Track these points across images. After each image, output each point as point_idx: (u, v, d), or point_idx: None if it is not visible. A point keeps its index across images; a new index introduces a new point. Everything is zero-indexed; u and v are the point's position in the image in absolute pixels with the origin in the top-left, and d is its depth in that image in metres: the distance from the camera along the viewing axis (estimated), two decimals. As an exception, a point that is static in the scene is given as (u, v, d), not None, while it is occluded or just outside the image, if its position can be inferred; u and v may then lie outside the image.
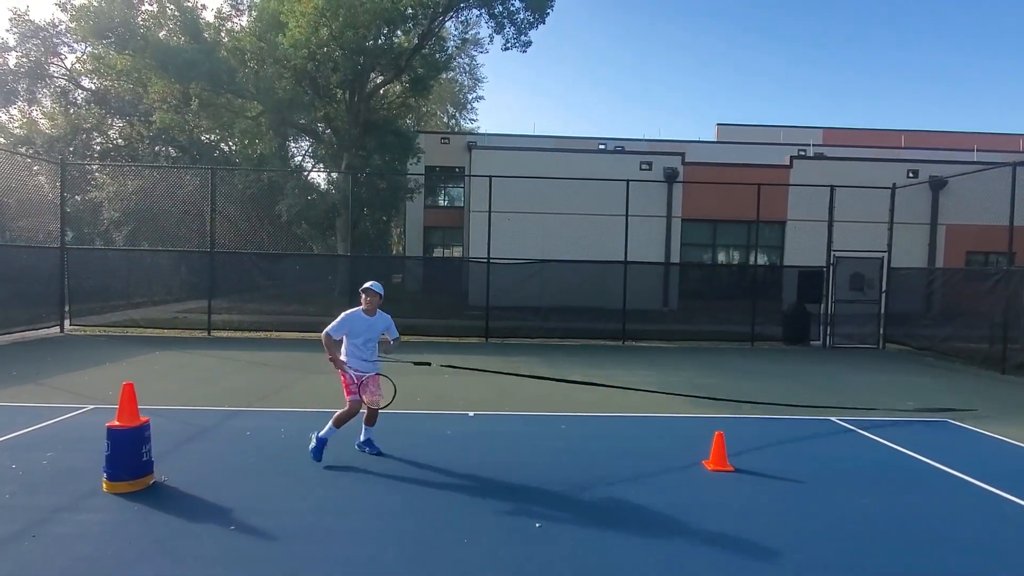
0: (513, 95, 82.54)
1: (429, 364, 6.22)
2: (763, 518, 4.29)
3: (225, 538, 3.75)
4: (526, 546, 3.75)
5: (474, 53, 35.49)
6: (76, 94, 27.96)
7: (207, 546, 3.64)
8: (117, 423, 4.44)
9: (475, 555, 3.62)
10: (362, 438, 5.52)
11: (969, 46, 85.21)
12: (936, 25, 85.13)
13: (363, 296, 5.16)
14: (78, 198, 25.06)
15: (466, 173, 25.39)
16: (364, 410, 5.32)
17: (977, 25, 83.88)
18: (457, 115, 44.48)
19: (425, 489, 4.66)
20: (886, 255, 14.20)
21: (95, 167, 25.23)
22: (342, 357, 5.19)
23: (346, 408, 5.14)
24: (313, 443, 5.15)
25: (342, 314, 5.16)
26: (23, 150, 24.31)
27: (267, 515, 4.09)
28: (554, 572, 3.45)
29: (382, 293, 5.19)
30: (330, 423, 5.17)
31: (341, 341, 5.20)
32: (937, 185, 19.28)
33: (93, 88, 27.57)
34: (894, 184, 14.77)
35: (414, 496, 4.52)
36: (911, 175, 19.24)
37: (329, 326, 5.09)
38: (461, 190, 29.96)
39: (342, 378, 5.21)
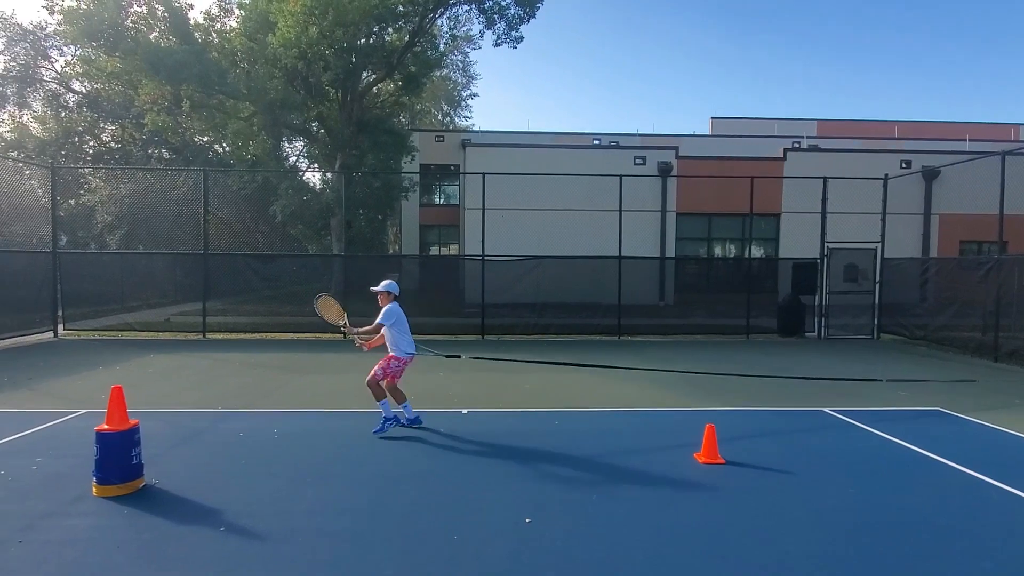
0: (507, 92, 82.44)
1: (459, 356, 7.34)
2: (754, 510, 4.29)
3: (215, 540, 3.75)
4: (515, 543, 3.76)
5: (466, 50, 35.36)
6: (67, 97, 27.82)
7: (196, 549, 3.63)
8: (106, 426, 4.43)
9: (464, 553, 3.62)
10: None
11: (962, 37, 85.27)
12: (929, 17, 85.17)
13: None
14: (71, 202, 24.97)
15: (461, 171, 25.36)
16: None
17: (969, 17, 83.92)
18: (451, 113, 44.41)
19: (415, 488, 4.66)
20: (879, 246, 14.21)
21: (87, 170, 25.14)
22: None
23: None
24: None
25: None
26: (14, 154, 24.18)
27: (257, 517, 4.08)
28: (543, 568, 3.45)
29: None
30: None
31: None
32: (930, 175, 19.30)
33: (84, 91, 27.43)
34: (886, 175, 14.78)
35: (404, 495, 4.51)
36: (904, 166, 19.26)
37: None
38: (456, 188, 29.92)
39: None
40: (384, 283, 6.19)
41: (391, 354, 6.09)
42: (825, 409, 7.22)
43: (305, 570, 3.40)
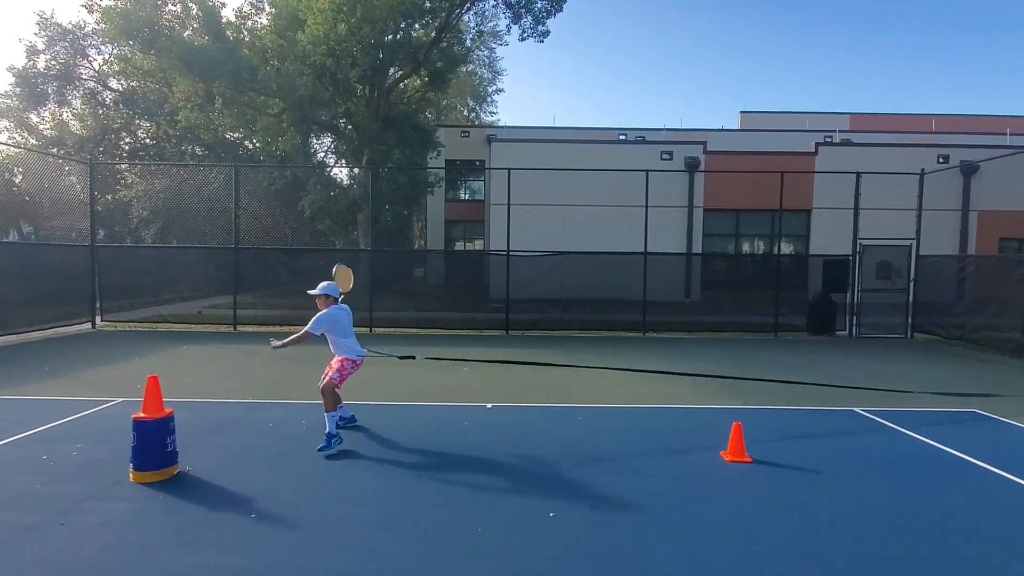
0: (533, 88, 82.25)
1: (414, 358, 6.61)
2: (780, 509, 4.24)
3: (245, 527, 3.84)
4: (539, 536, 3.78)
5: (493, 45, 35.33)
6: (104, 95, 28.60)
7: (228, 534, 3.74)
8: (142, 415, 4.57)
9: (488, 544, 3.66)
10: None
11: (1001, 25, 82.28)
12: (966, 5, 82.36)
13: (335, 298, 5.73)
14: (108, 197, 25.69)
15: (486, 166, 25.42)
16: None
17: (1009, 5, 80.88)
18: (477, 108, 44.43)
19: (441, 479, 4.72)
20: (914, 243, 13.84)
21: (123, 166, 25.83)
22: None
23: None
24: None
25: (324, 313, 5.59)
26: (54, 151, 24.97)
27: (287, 504, 4.18)
28: (565, 562, 3.47)
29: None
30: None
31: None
32: (968, 170, 18.73)
33: (120, 89, 28.17)
34: (922, 170, 14.38)
35: (430, 486, 4.57)
36: (941, 160, 18.72)
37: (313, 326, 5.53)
38: (482, 183, 29.99)
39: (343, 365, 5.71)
40: (321, 285, 5.64)
41: (343, 357, 5.66)
42: (856, 409, 7.09)
43: (334, 556, 3.47)
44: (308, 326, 5.50)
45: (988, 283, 12.14)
